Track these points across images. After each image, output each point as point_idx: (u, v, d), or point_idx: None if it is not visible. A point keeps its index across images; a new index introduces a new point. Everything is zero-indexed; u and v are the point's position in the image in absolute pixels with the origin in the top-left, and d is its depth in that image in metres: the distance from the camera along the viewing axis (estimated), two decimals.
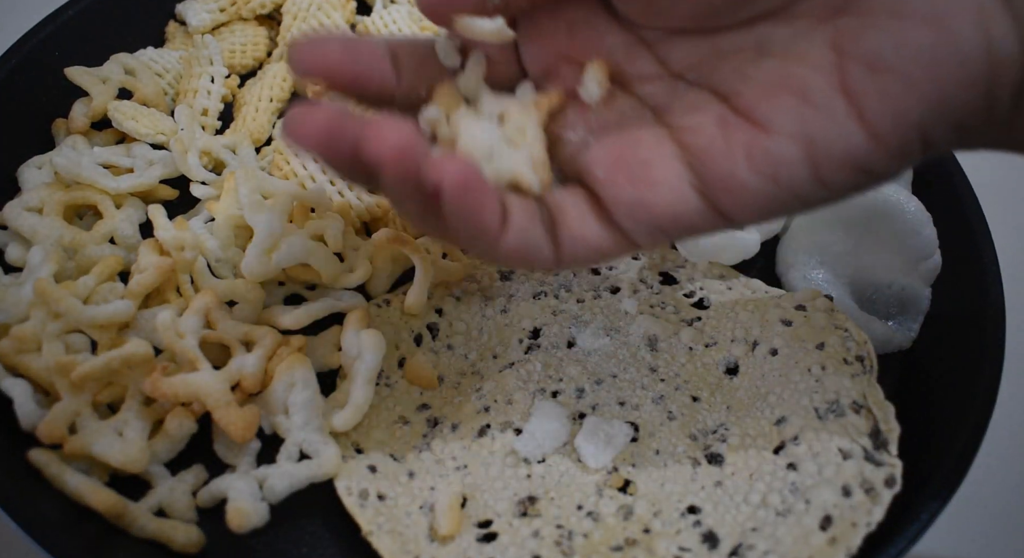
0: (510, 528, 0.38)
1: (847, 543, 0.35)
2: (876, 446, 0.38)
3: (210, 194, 0.47)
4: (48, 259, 0.42)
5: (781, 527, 0.36)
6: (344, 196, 0.47)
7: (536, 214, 0.32)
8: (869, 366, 0.41)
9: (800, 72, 0.29)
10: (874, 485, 0.36)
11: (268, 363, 0.40)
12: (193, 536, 0.38)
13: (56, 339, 0.40)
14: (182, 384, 0.38)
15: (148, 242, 0.44)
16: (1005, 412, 0.41)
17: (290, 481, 0.38)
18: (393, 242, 0.43)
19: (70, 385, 0.38)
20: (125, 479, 0.39)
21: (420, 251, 0.44)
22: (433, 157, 0.28)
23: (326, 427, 0.40)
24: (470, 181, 0.29)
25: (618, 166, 0.32)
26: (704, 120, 0.31)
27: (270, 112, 0.52)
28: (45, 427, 0.37)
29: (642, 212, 0.31)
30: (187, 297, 0.43)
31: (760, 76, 0.30)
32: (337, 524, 0.39)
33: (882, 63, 0.28)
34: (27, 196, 0.45)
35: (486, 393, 0.42)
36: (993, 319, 0.42)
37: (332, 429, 0.40)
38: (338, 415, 0.40)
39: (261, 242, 0.42)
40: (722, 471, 0.39)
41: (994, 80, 0.27)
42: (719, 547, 0.36)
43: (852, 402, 0.39)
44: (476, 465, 0.40)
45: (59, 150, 0.48)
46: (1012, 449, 0.49)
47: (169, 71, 0.53)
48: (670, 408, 0.41)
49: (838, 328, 0.42)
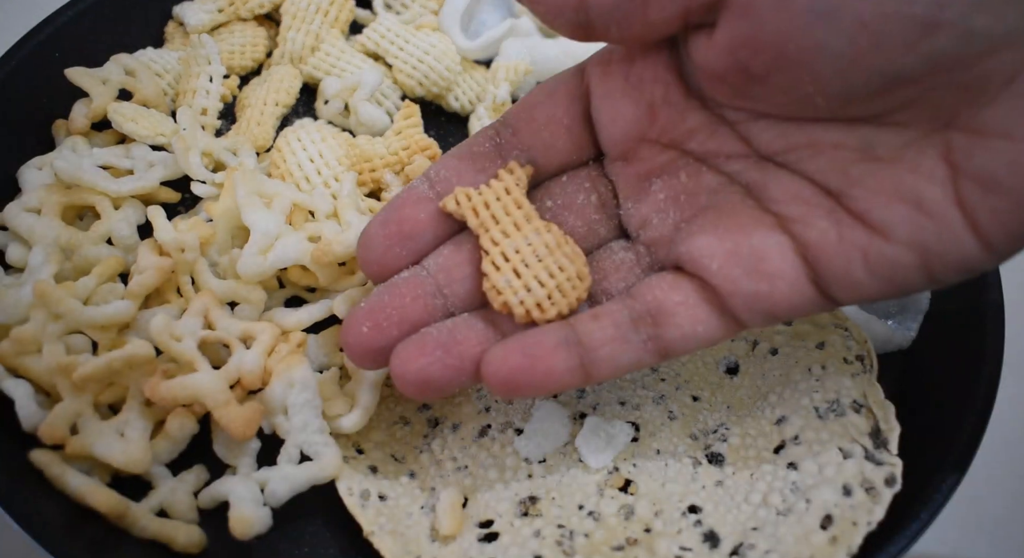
0: (511, 528, 0.38)
1: (848, 542, 0.35)
2: (876, 445, 0.38)
3: (211, 193, 0.47)
4: (48, 260, 0.42)
5: (782, 526, 0.36)
6: None
7: (621, 327, 0.33)
8: (869, 365, 0.41)
9: (914, 182, 0.29)
10: (874, 484, 0.36)
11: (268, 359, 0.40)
12: (194, 536, 0.38)
13: (57, 340, 0.40)
14: (181, 387, 0.38)
15: (148, 242, 0.44)
16: (1005, 411, 0.41)
17: (291, 484, 0.38)
18: None
19: (71, 386, 0.38)
20: (126, 480, 0.39)
21: None
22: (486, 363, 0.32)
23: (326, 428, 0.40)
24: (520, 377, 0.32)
25: (733, 259, 0.32)
26: (813, 214, 0.31)
27: (274, 117, 0.52)
28: (46, 428, 0.37)
29: (761, 304, 0.32)
30: (188, 298, 0.43)
31: (871, 181, 0.30)
32: (338, 524, 0.39)
33: (996, 183, 0.28)
34: (27, 197, 0.45)
35: (487, 393, 0.42)
36: (992, 318, 0.42)
37: (339, 431, 0.40)
38: (346, 418, 0.40)
39: (256, 242, 0.42)
40: (723, 471, 0.39)
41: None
42: (720, 546, 0.36)
43: (852, 401, 0.39)
44: (477, 465, 0.40)
45: (59, 151, 0.48)
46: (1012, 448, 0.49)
47: (169, 72, 0.53)
48: (671, 408, 0.41)
49: (838, 327, 0.42)
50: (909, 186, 0.29)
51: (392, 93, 0.54)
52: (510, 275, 0.34)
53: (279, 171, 0.49)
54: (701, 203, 0.34)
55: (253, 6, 0.56)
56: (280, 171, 0.48)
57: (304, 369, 0.40)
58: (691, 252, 0.33)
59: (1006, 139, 0.27)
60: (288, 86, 0.53)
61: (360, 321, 0.35)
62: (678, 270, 0.34)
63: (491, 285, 0.34)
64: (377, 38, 0.55)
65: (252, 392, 0.40)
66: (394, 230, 0.36)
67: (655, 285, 0.33)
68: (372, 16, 0.58)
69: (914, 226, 0.29)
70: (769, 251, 0.31)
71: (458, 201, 0.35)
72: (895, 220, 0.29)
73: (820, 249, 0.31)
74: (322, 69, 0.54)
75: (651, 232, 0.35)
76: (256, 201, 0.43)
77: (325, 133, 0.50)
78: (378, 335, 0.34)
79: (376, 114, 0.52)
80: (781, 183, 0.32)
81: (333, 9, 0.56)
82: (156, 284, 0.42)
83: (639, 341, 0.33)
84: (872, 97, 0.29)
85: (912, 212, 0.29)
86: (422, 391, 0.34)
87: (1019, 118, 0.27)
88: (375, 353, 0.35)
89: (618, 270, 0.36)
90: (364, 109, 0.51)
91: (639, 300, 0.33)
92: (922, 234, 0.29)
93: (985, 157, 0.28)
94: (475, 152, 0.36)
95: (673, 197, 0.35)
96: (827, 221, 0.31)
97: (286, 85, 0.53)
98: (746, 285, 0.32)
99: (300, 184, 0.48)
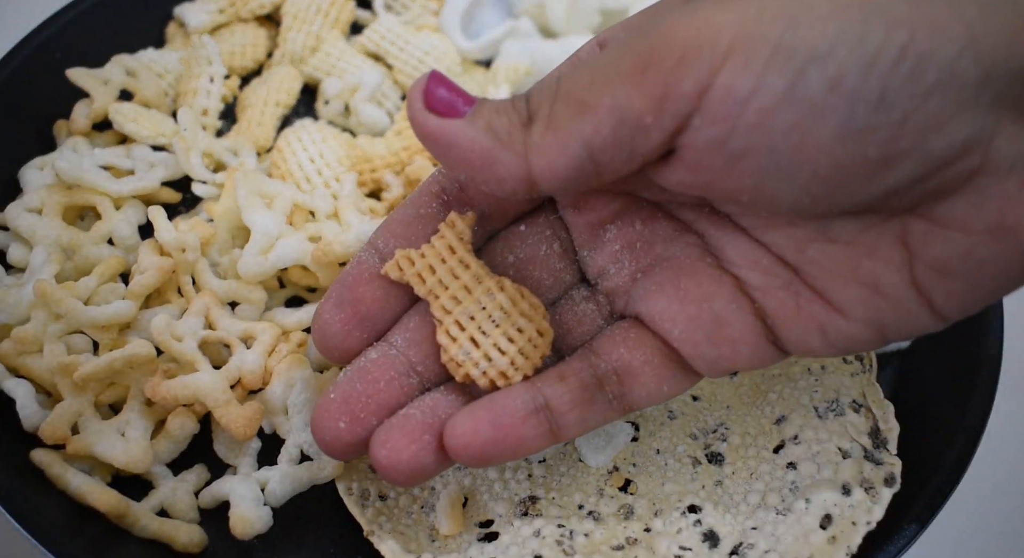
0: (511, 528, 0.38)
1: (847, 542, 0.35)
2: (875, 445, 0.38)
3: (211, 194, 0.47)
4: (50, 260, 0.42)
5: (781, 526, 0.36)
6: None
7: (587, 388, 0.33)
8: (868, 365, 0.41)
9: (871, 266, 0.29)
10: (874, 484, 0.37)
11: (268, 359, 0.40)
12: (195, 536, 0.38)
13: (58, 340, 0.40)
14: (181, 387, 0.38)
15: (149, 242, 0.44)
16: (1004, 410, 0.41)
17: (292, 484, 0.38)
18: None
19: (72, 386, 0.38)
20: (127, 479, 0.39)
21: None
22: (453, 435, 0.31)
23: None
24: (486, 448, 0.31)
25: (695, 325, 0.32)
26: (771, 283, 0.31)
27: (275, 118, 0.52)
28: (47, 427, 0.37)
29: (723, 364, 0.32)
30: (188, 298, 0.43)
31: (827, 262, 0.30)
32: (338, 524, 0.39)
33: (950, 272, 0.28)
34: (28, 197, 0.45)
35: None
36: (992, 319, 0.42)
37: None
38: None
39: (257, 242, 0.42)
40: (722, 470, 0.39)
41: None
42: (719, 546, 0.36)
43: (851, 401, 0.39)
44: None
45: (60, 152, 0.48)
46: (1011, 448, 0.49)
47: (170, 72, 0.53)
48: (670, 407, 0.41)
49: None
50: (867, 270, 0.29)
51: (392, 93, 0.54)
52: (468, 345, 0.33)
53: (279, 171, 0.49)
54: (657, 252, 0.34)
55: (254, 7, 0.56)
56: (280, 171, 0.49)
57: (304, 369, 0.40)
58: (651, 314, 0.33)
59: (963, 232, 0.27)
60: (289, 87, 0.53)
61: (334, 416, 0.33)
62: (639, 321, 0.34)
63: (450, 358, 0.33)
64: (378, 39, 0.55)
65: (252, 392, 0.40)
66: (350, 313, 0.34)
67: (619, 341, 0.34)
68: (372, 17, 0.58)
69: (871, 307, 0.30)
70: (730, 317, 0.32)
71: (400, 267, 0.34)
72: (852, 301, 0.30)
73: (779, 318, 0.31)
74: (322, 70, 0.54)
75: (609, 282, 0.35)
76: (257, 201, 0.43)
77: (326, 133, 0.50)
78: (356, 428, 0.33)
79: (376, 114, 0.52)
80: (739, 247, 0.32)
81: (333, 10, 0.56)
82: (157, 284, 0.42)
83: (605, 401, 0.33)
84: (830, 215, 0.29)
85: (869, 294, 0.29)
86: (415, 479, 0.32)
87: (975, 212, 0.27)
88: (355, 447, 0.33)
89: (581, 323, 0.35)
90: (364, 109, 0.52)
91: (604, 358, 0.33)
92: (879, 314, 0.30)
93: (941, 247, 0.28)
94: (421, 214, 0.35)
95: (628, 245, 0.34)
96: (785, 292, 0.31)
97: (287, 85, 0.53)
98: (708, 350, 0.32)
99: (301, 184, 0.48)
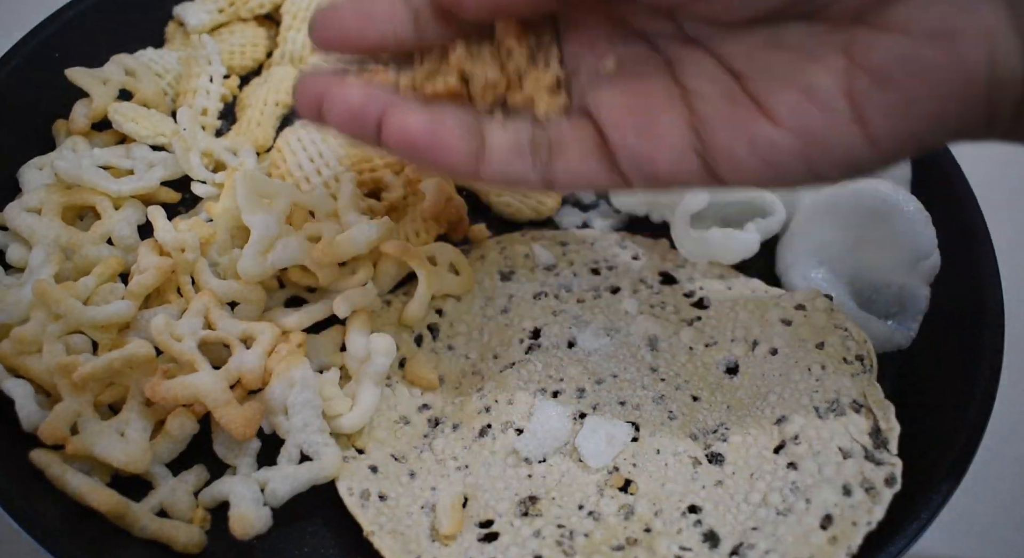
0: (511, 528, 0.38)
1: (848, 542, 0.35)
2: (876, 445, 0.38)
3: (211, 193, 0.47)
4: (49, 260, 0.42)
5: (782, 526, 0.36)
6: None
7: (521, 144, 0.33)
8: (869, 365, 0.41)
9: (810, 70, 0.30)
10: (874, 484, 0.36)
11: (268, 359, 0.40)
12: (195, 536, 0.38)
13: (57, 340, 0.40)
14: (181, 387, 0.38)
15: (148, 242, 0.44)
16: (1004, 410, 0.41)
17: (292, 484, 0.38)
18: (398, 254, 0.43)
19: (71, 386, 0.38)
20: (126, 479, 0.39)
21: (425, 264, 0.44)
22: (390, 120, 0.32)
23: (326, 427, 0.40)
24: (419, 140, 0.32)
25: (626, 113, 0.33)
26: (713, 90, 0.32)
27: (275, 117, 0.52)
28: (47, 428, 0.37)
29: (644, 163, 0.32)
30: (188, 298, 0.43)
31: (771, 65, 0.31)
32: (339, 524, 0.39)
33: (888, 78, 0.28)
34: (27, 197, 0.45)
35: (487, 393, 0.42)
36: (992, 318, 0.42)
37: (339, 431, 0.40)
38: (346, 418, 0.40)
39: (257, 242, 0.42)
40: (723, 470, 0.39)
41: (996, 97, 0.28)
42: (720, 546, 0.36)
43: (852, 401, 0.39)
44: (477, 465, 0.40)
45: (60, 152, 0.48)
46: (1011, 447, 0.49)
47: (169, 72, 0.53)
48: (670, 408, 0.41)
49: (838, 327, 0.42)
50: (806, 74, 0.30)
51: None
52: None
53: (279, 171, 0.49)
54: (627, 70, 0.34)
55: (253, 6, 0.56)
56: (280, 171, 0.49)
57: (304, 369, 0.40)
58: (596, 100, 0.34)
59: (904, 34, 0.28)
60: (288, 86, 0.53)
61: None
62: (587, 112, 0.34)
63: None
64: None
65: (252, 392, 0.40)
66: None
67: (563, 123, 0.34)
68: None
69: (802, 112, 0.30)
70: (662, 116, 0.32)
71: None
72: (784, 105, 0.30)
73: (711, 124, 0.31)
74: None
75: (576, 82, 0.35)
76: (256, 201, 0.43)
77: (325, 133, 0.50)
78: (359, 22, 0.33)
79: None
80: (695, 59, 0.33)
81: None
82: (156, 284, 0.42)
83: (530, 163, 0.33)
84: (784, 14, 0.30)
85: (803, 99, 0.30)
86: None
87: (920, 14, 0.27)
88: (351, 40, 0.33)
89: None
90: None
91: (546, 129, 0.34)
92: (807, 121, 0.30)
93: (881, 51, 0.28)
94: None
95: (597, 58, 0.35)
96: (724, 99, 0.31)
97: (286, 85, 0.53)
98: (634, 142, 0.32)
99: (300, 184, 0.48)
